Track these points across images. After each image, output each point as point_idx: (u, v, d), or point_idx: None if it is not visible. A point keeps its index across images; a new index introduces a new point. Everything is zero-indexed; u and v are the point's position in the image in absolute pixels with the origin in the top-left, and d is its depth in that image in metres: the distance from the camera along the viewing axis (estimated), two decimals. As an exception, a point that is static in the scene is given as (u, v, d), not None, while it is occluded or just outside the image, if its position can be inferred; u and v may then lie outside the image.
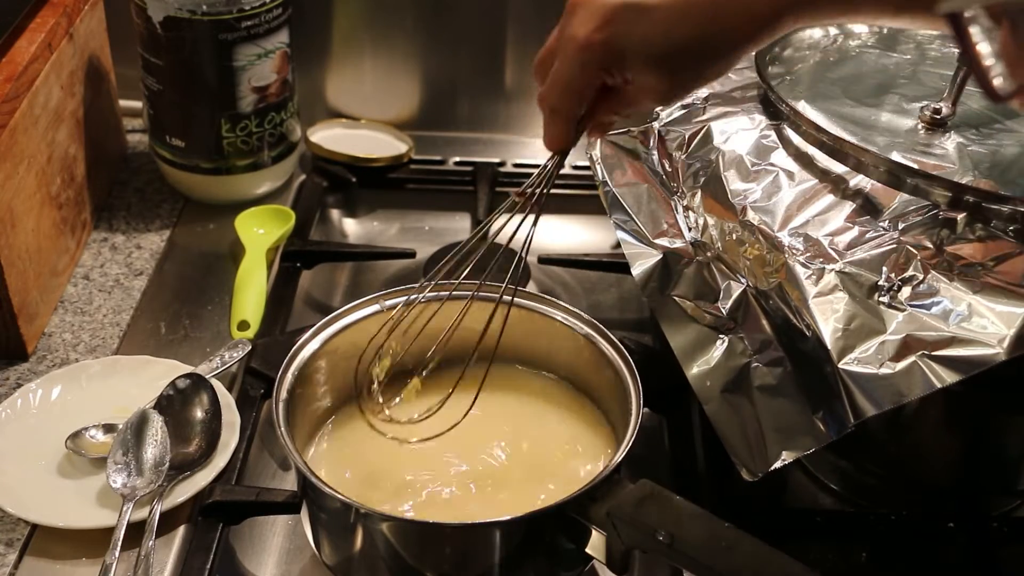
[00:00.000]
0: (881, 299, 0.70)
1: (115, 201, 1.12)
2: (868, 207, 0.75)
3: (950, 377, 0.67)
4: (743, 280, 0.77)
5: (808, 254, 0.73)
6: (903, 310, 0.70)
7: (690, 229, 0.82)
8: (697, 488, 0.83)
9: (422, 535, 0.71)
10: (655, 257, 0.82)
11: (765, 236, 0.75)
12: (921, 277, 0.70)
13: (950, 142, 0.78)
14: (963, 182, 0.74)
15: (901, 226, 0.73)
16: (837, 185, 0.77)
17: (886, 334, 0.69)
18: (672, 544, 0.66)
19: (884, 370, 0.68)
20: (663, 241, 0.82)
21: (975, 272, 0.70)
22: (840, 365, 0.69)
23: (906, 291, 0.70)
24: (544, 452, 0.81)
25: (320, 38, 1.21)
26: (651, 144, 0.87)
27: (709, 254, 0.80)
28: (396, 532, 0.71)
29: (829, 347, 0.70)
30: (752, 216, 0.77)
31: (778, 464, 0.71)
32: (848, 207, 0.75)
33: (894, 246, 0.72)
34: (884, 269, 0.71)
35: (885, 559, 0.81)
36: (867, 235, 0.73)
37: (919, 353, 0.68)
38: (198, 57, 1.03)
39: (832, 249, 0.73)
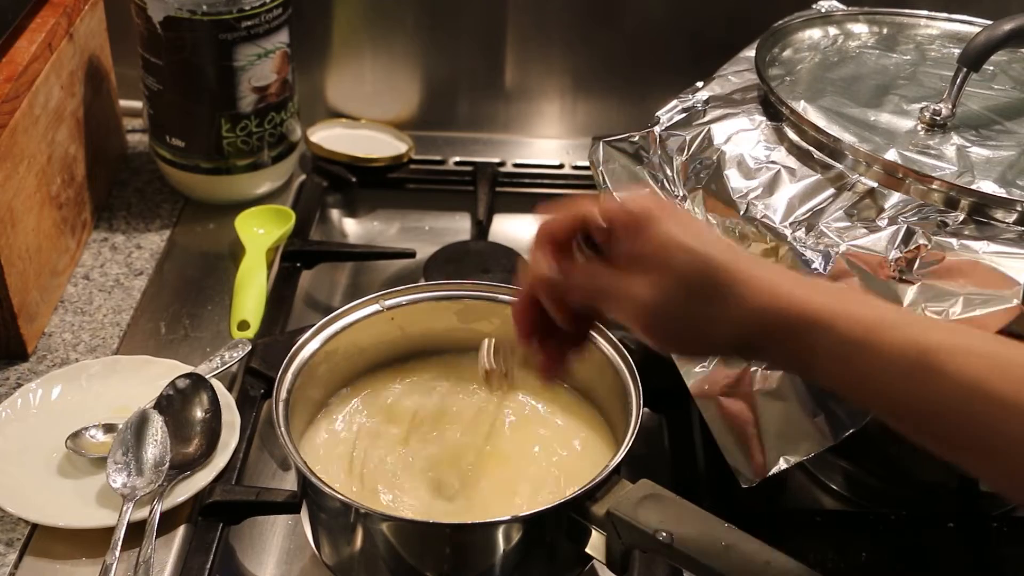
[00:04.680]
0: (892, 274, 0.71)
1: (115, 201, 1.12)
2: (868, 205, 0.75)
3: None
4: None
5: (813, 241, 0.74)
6: (915, 281, 0.70)
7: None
8: (697, 488, 0.83)
9: (422, 535, 0.71)
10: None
11: (768, 228, 0.76)
12: (928, 245, 0.71)
13: (950, 143, 0.79)
14: (961, 184, 0.74)
15: (900, 222, 0.73)
16: (838, 181, 0.77)
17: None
18: (672, 544, 0.66)
19: None
20: (663, 244, 0.82)
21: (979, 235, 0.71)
22: None
23: (916, 263, 0.70)
24: (544, 452, 0.81)
25: (320, 38, 1.21)
26: (652, 149, 0.87)
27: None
28: (396, 532, 0.71)
29: None
30: (754, 211, 0.77)
31: (776, 470, 0.72)
32: (848, 202, 0.76)
33: (896, 227, 0.72)
34: (889, 246, 0.72)
35: (885, 559, 0.81)
36: (868, 224, 0.74)
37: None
38: (198, 57, 1.03)
39: (836, 235, 0.73)
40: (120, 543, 0.75)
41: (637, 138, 0.89)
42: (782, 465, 0.72)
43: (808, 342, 0.59)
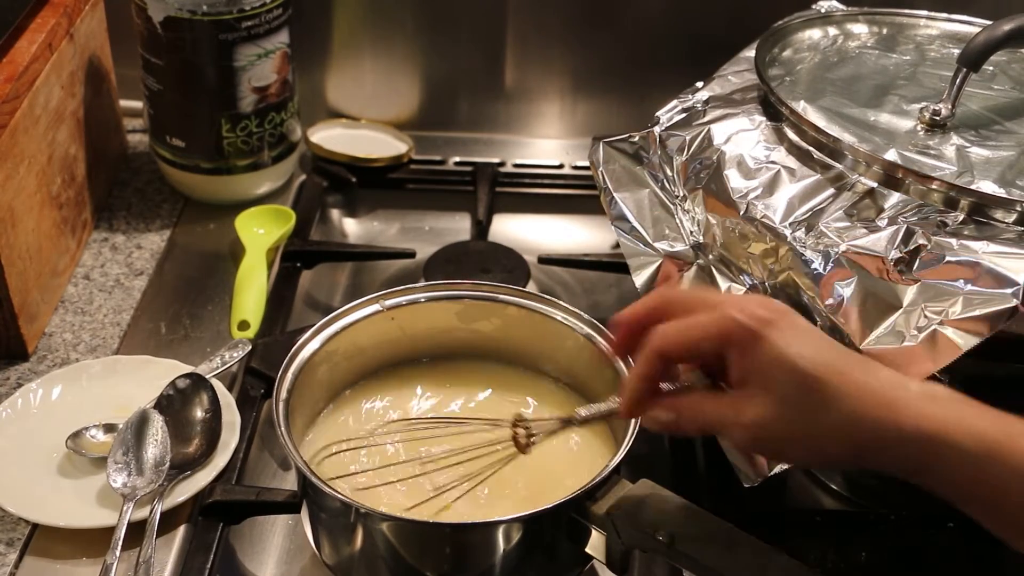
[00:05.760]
0: (892, 274, 0.71)
1: (115, 201, 1.12)
2: (867, 205, 0.75)
3: (973, 339, 0.67)
4: (746, 280, 0.78)
5: (813, 241, 0.74)
6: (915, 281, 0.70)
7: (691, 232, 0.82)
8: (697, 488, 0.83)
9: (422, 535, 0.72)
10: (656, 262, 0.82)
11: (768, 228, 0.76)
12: (928, 245, 0.71)
13: (949, 144, 0.79)
14: (961, 184, 0.74)
15: (900, 222, 0.73)
16: (838, 181, 0.77)
17: (902, 308, 0.70)
18: (672, 544, 0.66)
19: (907, 343, 0.68)
20: (663, 246, 0.83)
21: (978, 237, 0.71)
22: (862, 346, 0.69)
23: (915, 262, 0.70)
24: (543, 452, 0.80)
25: (320, 38, 1.21)
26: (652, 149, 0.87)
27: (711, 256, 0.80)
28: (396, 532, 0.71)
29: (847, 330, 0.70)
30: (754, 211, 0.77)
31: (777, 469, 0.72)
32: (848, 202, 0.76)
33: (896, 227, 0.72)
34: (889, 246, 0.72)
35: (885, 559, 0.81)
36: (868, 227, 0.74)
37: (938, 321, 0.68)
38: (198, 57, 1.03)
39: (836, 235, 0.73)
40: (120, 543, 0.75)
41: (637, 138, 0.89)
42: (783, 465, 0.72)
43: (927, 456, 0.58)
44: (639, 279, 0.82)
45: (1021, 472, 0.57)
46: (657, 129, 0.87)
